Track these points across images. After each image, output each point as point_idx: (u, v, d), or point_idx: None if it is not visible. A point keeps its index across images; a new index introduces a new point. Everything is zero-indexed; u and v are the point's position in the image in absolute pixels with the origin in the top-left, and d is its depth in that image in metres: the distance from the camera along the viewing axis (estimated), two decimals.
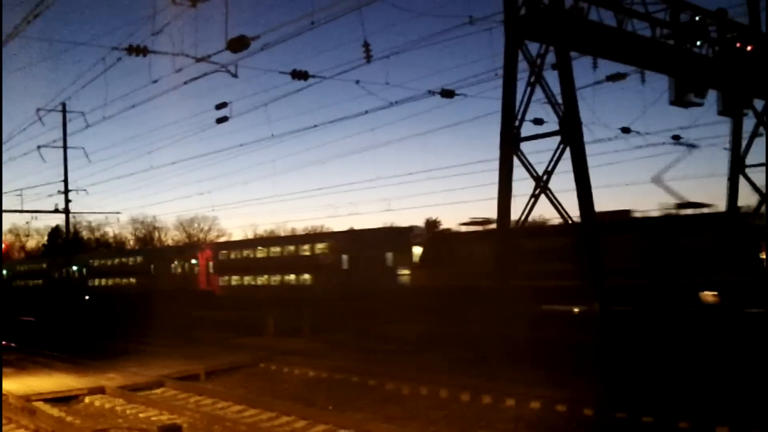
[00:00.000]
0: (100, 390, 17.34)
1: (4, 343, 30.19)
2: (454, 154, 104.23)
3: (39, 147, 43.13)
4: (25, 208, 51.50)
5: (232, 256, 44.11)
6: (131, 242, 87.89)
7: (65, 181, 46.98)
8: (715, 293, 22.74)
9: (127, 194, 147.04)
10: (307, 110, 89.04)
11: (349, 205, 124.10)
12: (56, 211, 48.99)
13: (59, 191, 47.22)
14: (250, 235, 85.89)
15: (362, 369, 18.40)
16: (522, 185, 20.50)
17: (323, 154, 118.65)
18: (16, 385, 18.51)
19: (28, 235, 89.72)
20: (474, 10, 22.70)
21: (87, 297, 48.97)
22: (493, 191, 19.98)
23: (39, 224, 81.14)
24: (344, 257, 39.66)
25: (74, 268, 52.06)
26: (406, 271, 37.12)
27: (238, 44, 16.53)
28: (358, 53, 19.24)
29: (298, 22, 17.32)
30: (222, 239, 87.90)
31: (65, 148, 46.40)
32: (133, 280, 46.16)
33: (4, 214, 59.31)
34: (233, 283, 43.27)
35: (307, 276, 39.91)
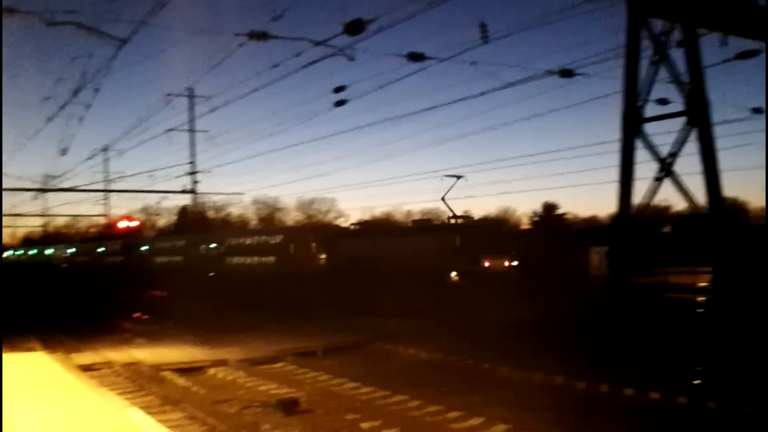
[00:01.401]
0: (224, 362, 18.14)
1: (137, 314, 32.01)
2: (572, 136, 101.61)
3: (168, 130, 45.26)
4: (156, 189, 54.13)
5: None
6: (254, 222, 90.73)
7: (192, 162, 49.10)
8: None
9: (250, 176, 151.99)
10: (423, 92, 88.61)
11: (464, 188, 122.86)
12: (184, 191, 51.30)
13: (187, 173, 49.41)
14: (367, 218, 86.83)
15: (473, 352, 18.38)
16: (644, 168, 19.85)
17: (439, 137, 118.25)
18: (149, 355, 19.63)
19: (158, 214, 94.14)
20: None
21: (212, 274, 50.49)
22: (613, 175, 19.43)
23: (169, 204, 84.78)
24: None
25: (212, 245, 53.79)
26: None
27: (355, 27, 16.72)
28: (474, 34, 19.07)
29: (414, 4, 17.32)
30: (339, 221, 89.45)
31: (192, 131, 48.47)
32: (272, 258, 46.64)
33: (138, 195, 62.56)
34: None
35: None
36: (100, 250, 73.50)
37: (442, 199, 35.91)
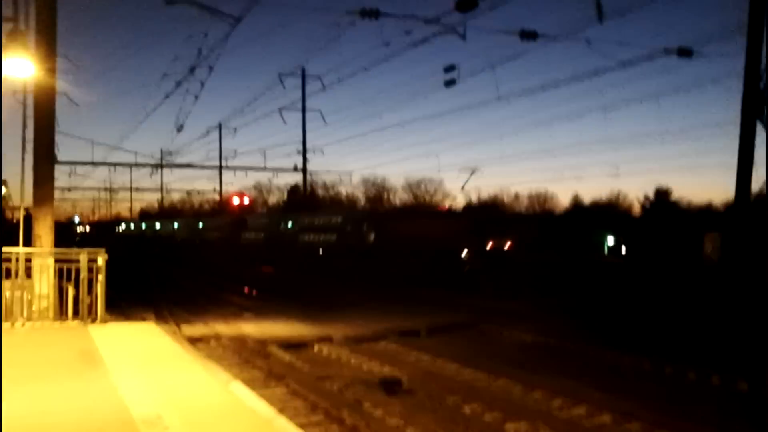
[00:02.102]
0: (328, 339, 18.28)
1: (246, 290, 32.85)
2: (689, 117, 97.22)
3: (280, 109, 46.06)
4: (267, 166, 55.36)
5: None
6: (362, 202, 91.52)
7: (303, 141, 49.88)
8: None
9: (359, 154, 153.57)
10: (534, 71, 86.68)
11: (574, 168, 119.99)
12: (295, 169, 52.26)
13: (298, 151, 50.24)
14: (474, 199, 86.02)
15: (578, 336, 17.88)
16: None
17: (550, 116, 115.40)
18: (255, 329, 20.07)
19: (269, 192, 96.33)
20: None
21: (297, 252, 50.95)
22: (732, 157, 18.37)
23: (280, 181, 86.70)
24: None
25: (289, 224, 55.10)
26: None
27: (467, 4, 16.34)
28: (589, 11, 18.32)
29: None
30: (447, 202, 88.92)
31: (304, 110, 49.18)
32: (333, 236, 47.75)
33: (250, 172, 64.12)
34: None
35: None
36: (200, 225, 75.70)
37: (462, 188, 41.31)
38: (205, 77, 28.37)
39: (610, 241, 47.18)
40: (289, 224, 53.40)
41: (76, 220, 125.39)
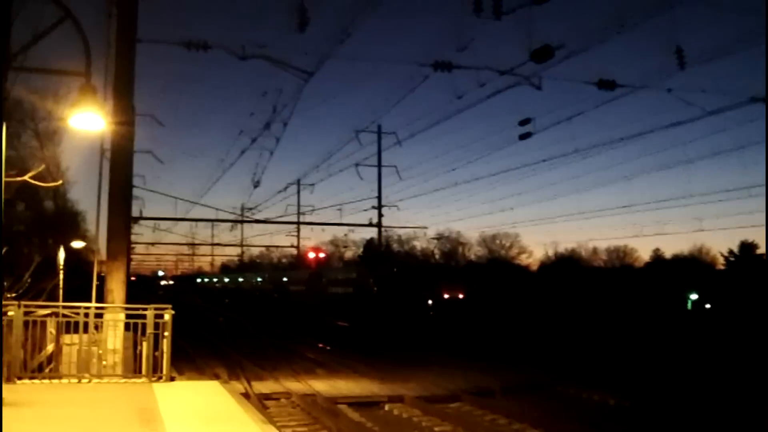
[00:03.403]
0: (399, 399, 17.74)
1: (320, 345, 32.57)
2: None
3: (356, 165, 46.36)
4: (343, 221, 55.55)
5: None
6: (436, 256, 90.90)
7: (378, 197, 49.86)
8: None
9: (434, 209, 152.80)
10: (613, 123, 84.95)
11: (656, 224, 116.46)
12: (370, 224, 52.24)
13: (373, 206, 50.27)
14: (551, 253, 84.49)
15: (670, 399, 16.83)
16: None
17: (630, 170, 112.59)
18: (326, 386, 19.72)
19: (346, 246, 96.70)
20: None
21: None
22: None
23: (355, 236, 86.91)
24: None
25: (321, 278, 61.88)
26: None
27: (543, 54, 15.90)
28: (670, 59, 17.64)
29: (605, 29, 16.34)
30: (523, 256, 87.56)
31: (380, 166, 49.28)
32: (350, 288, 54.61)
33: (327, 228, 64.72)
34: None
35: None
36: (284, 279, 77.50)
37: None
38: (280, 133, 28.64)
39: (694, 296, 45.38)
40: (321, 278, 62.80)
41: (160, 273, 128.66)
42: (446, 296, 48.55)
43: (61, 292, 20.83)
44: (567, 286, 54.56)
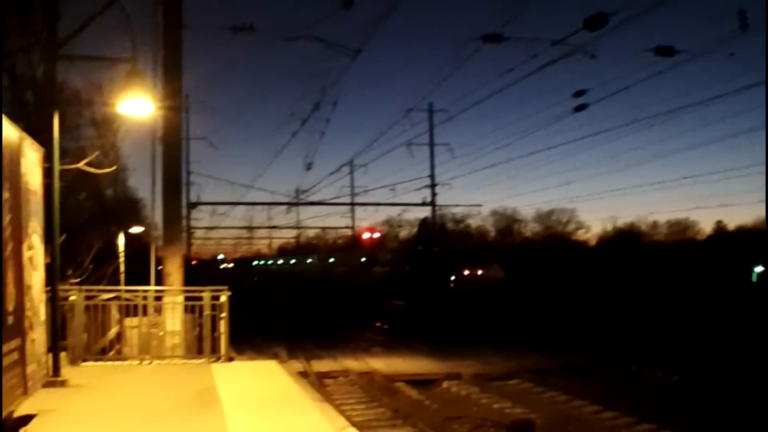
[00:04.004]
0: (457, 376, 17.68)
1: (378, 324, 32.69)
2: None
3: (408, 144, 46.22)
4: (397, 201, 55.51)
5: None
6: (492, 234, 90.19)
7: (432, 175, 49.62)
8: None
9: (488, 187, 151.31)
10: (673, 92, 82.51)
11: (718, 195, 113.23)
12: (424, 204, 52.04)
13: (426, 185, 50.06)
14: (609, 228, 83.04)
15: (733, 376, 16.37)
16: None
17: (692, 140, 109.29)
18: (384, 364, 19.75)
19: (400, 226, 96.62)
20: None
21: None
22: None
23: (409, 216, 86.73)
24: None
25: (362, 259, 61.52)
26: None
27: (597, 22, 15.40)
28: (731, 22, 16.98)
29: None
30: (580, 232, 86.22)
31: (431, 145, 49.01)
32: (387, 268, 54.16)
33: (381, 208, 64.88)
34: None
35: None
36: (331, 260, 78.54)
37: None
38: (330, 113, 28.65)
39: (759, 268, 43.90)
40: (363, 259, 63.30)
41: (220, 257, 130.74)
42: (466, 273, 49.68)
43: (122, 276, 21.29)
44: (626, 262, 53.49)
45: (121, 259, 21.59)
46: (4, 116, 5.66)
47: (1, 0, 9.52)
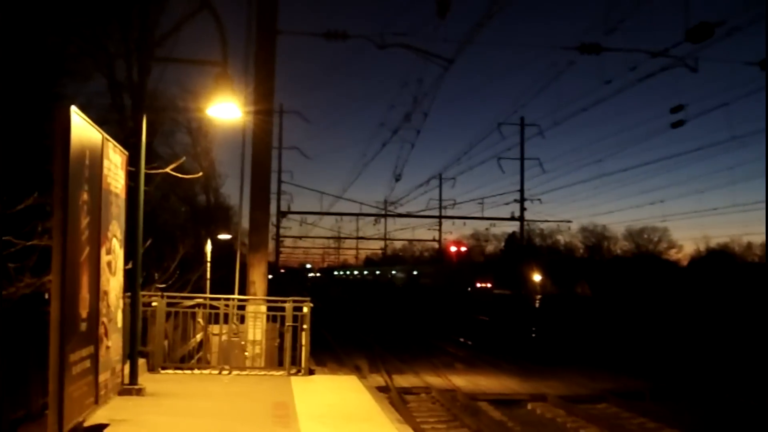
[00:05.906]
0: (542, 397, 17.04)
1: (462, 339, 32.14)
2: None
3: (498, 158, 45.62)
4: (485, 215, 54.83)
5: None
6: (581, 251, 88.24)
7: (521, 190, 48.75)
8: None
9: (578, 203, 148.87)
10: None
11: None
12: (512, 218, 51.20)
13: (515, 200, 49.24)
14: (702, 248, 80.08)
15: None
16: None
17: None
18: (466, 382, 19.24)
19: (487, 241, 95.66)
20: None
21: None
22: None
23: (497, 230, 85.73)
24: None
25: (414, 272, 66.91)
26: None
27: (700, 33, 14.62)
28: None
29: None
30: (672, 251, 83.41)
31: (522, 159, 48.20)
32: (429, 280, 62.69)
33: (468, 221, 64.26)
34: None
35: None
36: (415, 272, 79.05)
37: None
38: (421, 124, 28.42)
39: None
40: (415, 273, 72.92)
41: (308, 266, 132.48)
42: (479, 285, 52.72)
43: (208, 283, 21.48)
44: (719, 282, 51.33)
45: (208, 266, 21.79)
46: (86, 118, 5.57)
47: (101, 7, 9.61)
